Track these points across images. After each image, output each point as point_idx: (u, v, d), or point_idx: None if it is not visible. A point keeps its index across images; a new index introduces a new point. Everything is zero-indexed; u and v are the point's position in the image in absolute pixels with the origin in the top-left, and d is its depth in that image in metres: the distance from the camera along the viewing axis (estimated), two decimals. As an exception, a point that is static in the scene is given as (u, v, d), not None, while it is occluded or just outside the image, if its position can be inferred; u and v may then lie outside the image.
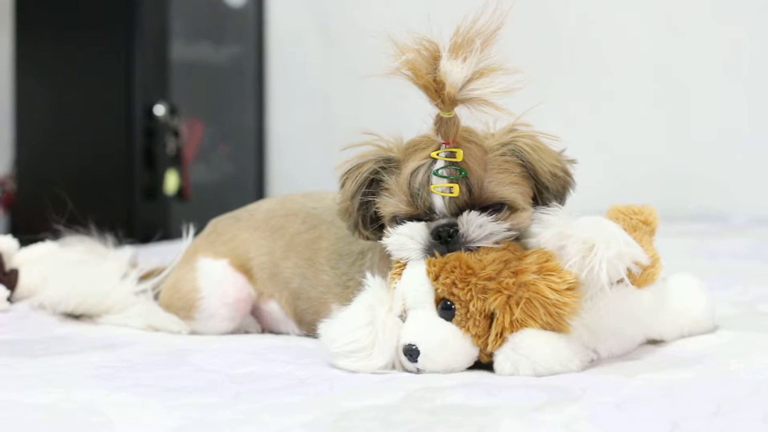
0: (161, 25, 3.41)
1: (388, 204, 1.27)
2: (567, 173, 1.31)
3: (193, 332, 1.56)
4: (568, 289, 1.17)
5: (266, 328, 1.59)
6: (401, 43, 1.21)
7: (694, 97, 3.38)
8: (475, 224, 1.22)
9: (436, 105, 1.22)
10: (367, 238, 1.34)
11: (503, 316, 1.17)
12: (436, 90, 1.20)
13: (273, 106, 4.00)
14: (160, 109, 3.35)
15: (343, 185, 1.33)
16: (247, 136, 3.90)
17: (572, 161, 1.33)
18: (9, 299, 1.81)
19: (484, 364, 1.21)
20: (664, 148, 3.42)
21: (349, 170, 1.32)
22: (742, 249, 2.51)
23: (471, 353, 1.20)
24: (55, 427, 1.02)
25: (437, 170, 1.22)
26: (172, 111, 3.38)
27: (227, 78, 3.79)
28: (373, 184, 1.30)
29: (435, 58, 1.20)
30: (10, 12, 3.53)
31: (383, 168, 1.29)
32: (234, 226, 1.60)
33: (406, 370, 1.21)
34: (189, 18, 3.55)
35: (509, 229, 1.23)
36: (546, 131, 1.31)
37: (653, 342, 1.34)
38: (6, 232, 2.45)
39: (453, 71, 1.19)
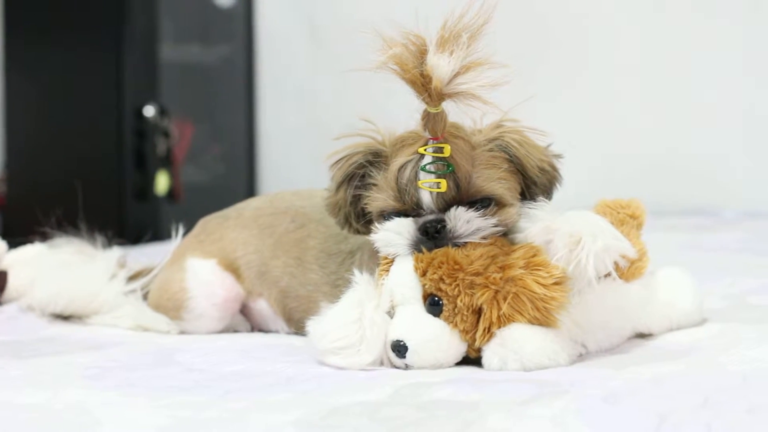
0: (150, 25, 3.40)
1: (376, 199, 1.27)
2: (554, 168, 1.31)
3: (182, 332, 1.55)
4: (555, 283, 1.17)
5: (255, 327, 1.59)
6: (388, 37, 1.21)
7: (684, 92, 3.38)
8: (462, 220, 1.22)
9: (423, 100, 1.21)
10: (358, 231, 1.34)
11: (491, 311, 1.17)
12: (423, 84, 1.20)
13: (263, 105, 3.99)
14: (149, 110, 3.34)
15: (332, 175, 1.33)
16: (238, 136, 3.89)
17: (558, 156, 1.33)
18: (-2, 301, 1.81)
19: (472, 359, 1.21)
20: (654, 142, 3.42)
21: (338, 160, 1.32)
22: (732, 243, 2.51)
23: (459, 349, 1.20)
24: (44, 427, 1.01)
25: (425, 166, 1.22)
26: (162, 112, 3.37)
27: (217, 78, 3.78)
28: (361, 179, 1.30)
29: (422, 53, 1.20)
30: (-2, 13, 3.53)
31: (371, 162, 1.28)
32: (222, 225, 1.59)
33: (395, 366, 1.21)
34: (178, 18, 3.54)
35: (497, 225, 1.23)
36: (533, 126, 1.31)
37: (641, 335, 1.34)
38: (-4, 235, 2.45)
39: (440, 65, 1.18)
